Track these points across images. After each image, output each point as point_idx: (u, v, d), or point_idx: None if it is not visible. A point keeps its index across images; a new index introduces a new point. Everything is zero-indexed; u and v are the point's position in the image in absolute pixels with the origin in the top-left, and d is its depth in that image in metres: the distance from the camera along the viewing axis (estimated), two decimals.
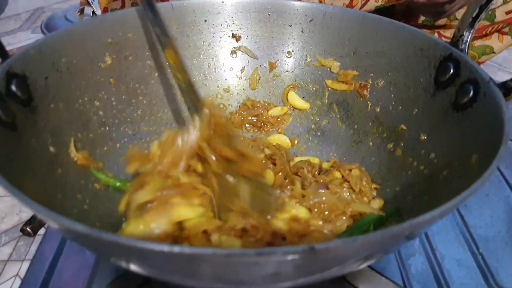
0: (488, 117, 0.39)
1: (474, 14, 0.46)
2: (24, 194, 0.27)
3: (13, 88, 0.39)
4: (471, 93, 0.42)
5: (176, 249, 0.23)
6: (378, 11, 0.91)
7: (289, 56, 0.63)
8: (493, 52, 0.94)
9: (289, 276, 0.28)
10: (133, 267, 0.30)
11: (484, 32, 0.91)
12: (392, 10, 0.92)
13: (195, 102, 0.46)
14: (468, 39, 0.47)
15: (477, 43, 0.94)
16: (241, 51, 0.63)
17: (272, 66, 0.63)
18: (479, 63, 0.98)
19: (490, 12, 0.87)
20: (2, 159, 0.33)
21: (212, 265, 0.25)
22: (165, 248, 0.23)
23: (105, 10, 0.90)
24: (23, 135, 0.39)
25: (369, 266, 0.49)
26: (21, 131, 0.38)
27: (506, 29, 0.91)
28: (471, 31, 0.47)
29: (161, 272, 0.29)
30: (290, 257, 0.23)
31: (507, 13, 0.87)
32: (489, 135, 0.37)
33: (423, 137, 0.48)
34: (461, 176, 0.38)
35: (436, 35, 0.91)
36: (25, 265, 0.61)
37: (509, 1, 0.85)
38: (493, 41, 0.93)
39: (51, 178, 0.40)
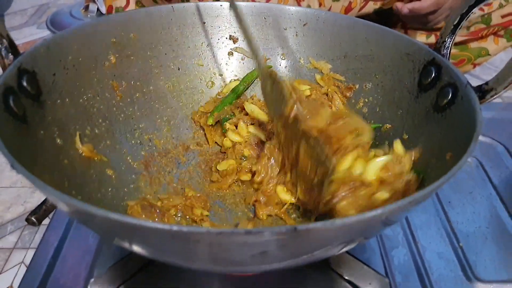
0: (464, 119, 0.42)
1: (456, 22, 0.49)
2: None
3: (24, 83, 0.42)
4: (450, 96, 0.45)
5: (175, 227, 0.26)
6: (377, 13, 0.94)
7: (283, 58, 0.66)
8: (489, 54, 0.97)
9: (275, 257, 0.31)
10: (135, 247, 0.33)
11: (480, 35, 0.93)
12: (390, 12, 0.95)
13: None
14: (450, 45, 0.50)
15: (473, 45, 0.97)
16: (238, 52, 0.66)
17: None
18: (475, 65, 1.01)
19: (486, 16, 0.90)
20: (15, 150, 0.35)
21: (207, 243, 0.28)
22: (165, 226, 0.26)
23: (109, 8, 0.92)
24: (33, 127, 0.42)
25: (354, 256, 0.52)
26: (30, 124, 0.41)
27: (502, 32, 0.93)
28: (453, 38, 0.50)
29: (161, 252, 0.32)
30: (275, 236, 0.26)
31: (503, 16, 0.90)
32: (464, 134, 0.40)
33: (405, 136, 0.52)
34: (437, 171, 0.41)
35: (433, 37, 0.94)
36: (30, 253, 0.64)
37: (504, 5, 0.88)
38: (489, 43, 0.96)
39: (58, 168, 0.43)
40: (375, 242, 0.56)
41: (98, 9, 1.40)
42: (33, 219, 0.54)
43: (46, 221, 0.56)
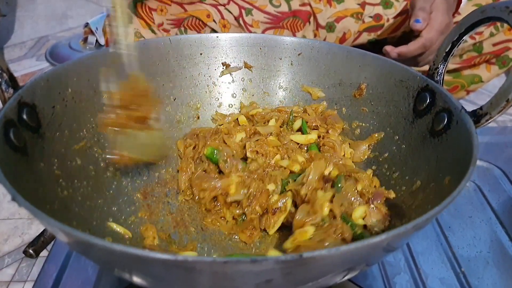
0: (460, 143, 0.42)
1: (447, 49, 0.50)
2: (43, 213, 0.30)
3: (24, 116, 0.42)
4: (445, 121, 0.46)
5: (180, 257, 0.26)
6: (371, 43, 0.96)
7: (280, 87, 0.67)
8: (481, 81, 0.99)
9: (280, 285, 0.31)
10: (135, 278, 0.32)
11: (472, 62, 0.96)
12: (384, 42, 0.97)
13: None
14: (443, 72, 0.52)
15: (466, 72, 0.99)
16: (225, 73, 0.67)
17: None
18: (468, 91, 1.03)
19: (477, 44, 0.93)
20: (16, 182, 0.35)
21: (212, 272, 0.28)
22: (171, 257, 0.26)
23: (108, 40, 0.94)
24: (33, 160, 0.42)
25: (356, 284, 0.51)
26: (31, 156, 0.41)
27: (494, 60, 0.96)
28: (445, 64, 0.51)
29: (163, 282, 0.32)
30: (281, 264, 0.26)
31: (494, 45, 0.93)
32: (461, 158, 0.40)
33: (403, 162, 0.52)
34: (436, 195, 0.42)
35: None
36: (28, 286, 0.63)
37: (495, 34, 0.91)
38: (481, 70, 0.98)
39: (58, 199, 0.43)
40: (377, 269, 0.56)
41: (96, 41, 1.42)
42: (31, 251, 0.54)
43: (44, 253, 0.55)
